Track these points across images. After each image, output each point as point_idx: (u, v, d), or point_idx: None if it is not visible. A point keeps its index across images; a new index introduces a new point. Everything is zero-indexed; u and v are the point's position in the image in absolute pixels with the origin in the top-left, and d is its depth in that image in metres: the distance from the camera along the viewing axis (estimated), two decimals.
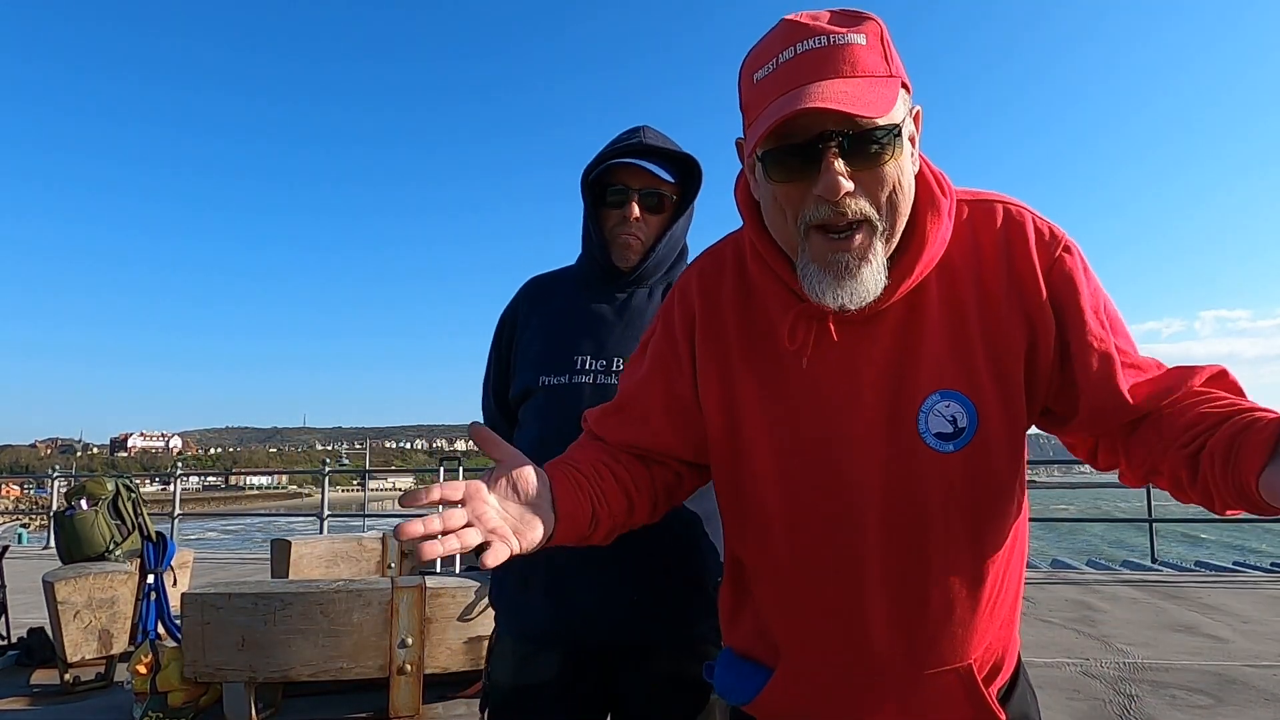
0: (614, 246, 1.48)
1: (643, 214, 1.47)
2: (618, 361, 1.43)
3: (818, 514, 0.92)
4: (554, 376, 1.44)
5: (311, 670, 2.92)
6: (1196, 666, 3.84)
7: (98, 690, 3.56)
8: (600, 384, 1.41)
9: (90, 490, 3.99)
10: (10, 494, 68.96)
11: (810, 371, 0.92)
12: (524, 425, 1.49)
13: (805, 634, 0.96)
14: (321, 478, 9.70)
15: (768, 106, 0.82)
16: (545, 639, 1.39)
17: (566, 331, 1.47)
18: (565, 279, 1.58)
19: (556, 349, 1.46)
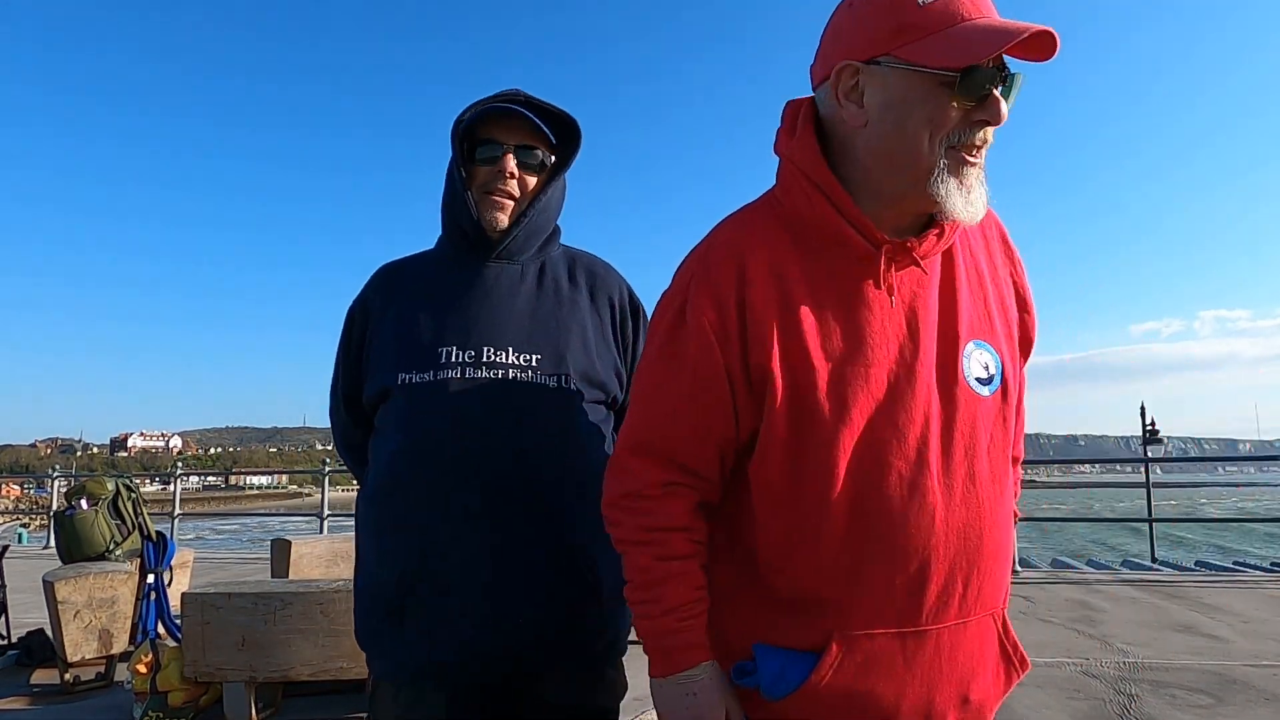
0: (482, 208, 1.31)
1: (519, 173, 1.33)
2: (488, 351, 1.26)
3: (888, 460, 0.92)
4: (415, 374, 1.26)
5: (311, 670, 2.92)
6: (1196, 666, 3.84)
7: (98, 690, 3.56)
8: (469, 378, 1.24)
9: (90, 490, 3.99)
10: (10, 494, 68.98)
11: (882, 315, 0.95)
12: (382, 433, 1.31)
13: (863, 592, 0.93)
14: (321, 478, 9.70)
15: (964, 26, 0.87)
16: (425, 677, 1.23)
17: (427, 321, 1.30)
18: (423, 262, 1.40)
19: (416, 342, 1.28)
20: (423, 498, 1.23)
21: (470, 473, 1.21)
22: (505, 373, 1.25)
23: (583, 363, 1.30)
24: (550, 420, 1.26)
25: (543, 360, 1.27)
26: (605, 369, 1.34)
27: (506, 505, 1.21)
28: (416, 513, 1.23)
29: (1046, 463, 10.05)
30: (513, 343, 1.27)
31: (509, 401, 1.24)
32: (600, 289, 1.40)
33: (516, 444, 1.23)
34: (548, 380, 1.27)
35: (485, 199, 1.31)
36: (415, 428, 1.24)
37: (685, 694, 0.96)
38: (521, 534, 1.22)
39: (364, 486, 1.34)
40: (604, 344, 1.36)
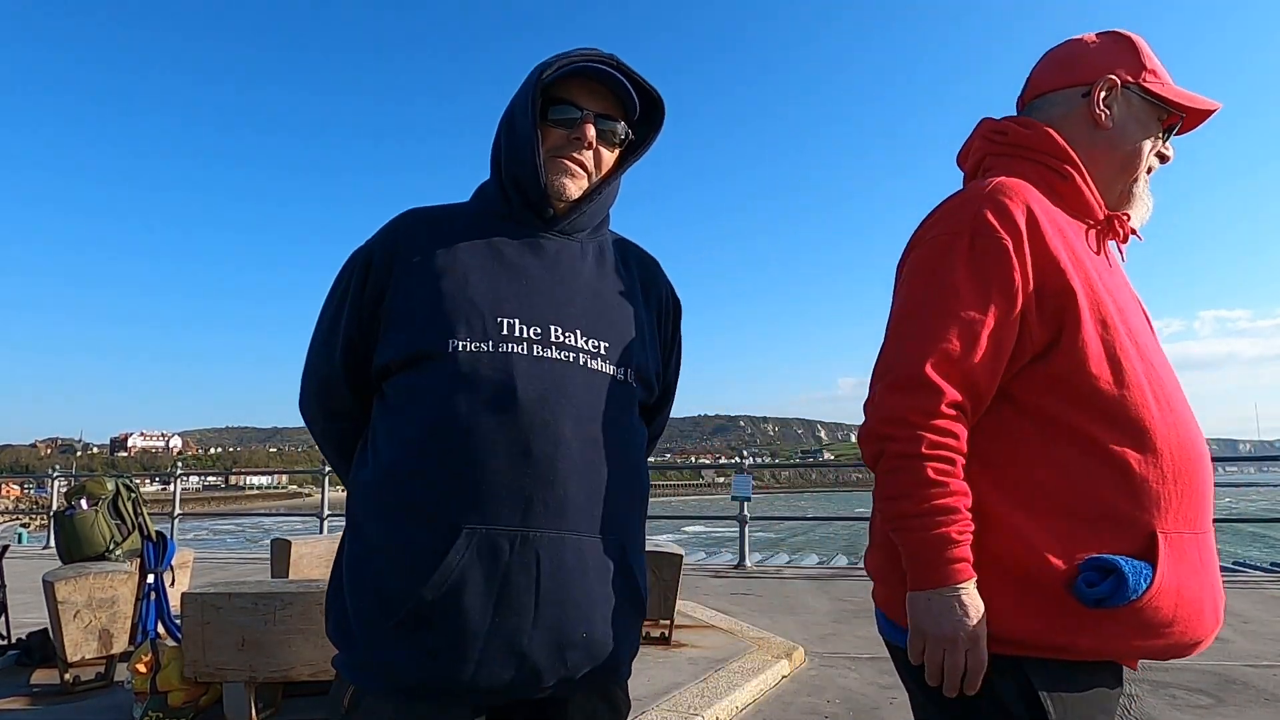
0: (551, 174, 1.16)
1: (596, 143, 1.18)
2: (555, 330, 1.10)
3: (1161, 377, 1.09)
4: (471, 341, 1.06)
5: (311, 670, 2.92)
6: (1196, 666, 3.84)
7: (98, 690, 3.56)
8: (538, 357, 1.08)
9: (90, 490, 3.99)
10: (10, 494, 69.00)
11: (1115, 271, 1.19)
12: (409, 405, 1.08)
13: (1180, 495, 1.03)
14: (321, 478, 9.70)
15: (1187, 92, 1.19)
16: (441, 695, 1.03)
17: (482, 282, 1.11)
18: (466, 216, 1.21)
19: (470, 304, 1.09)
20: (474, 489, 1.02)
21: (540, 468, 1.03)
22: (577, 358, 1.10)
23: (640, 357, 1.18)
24: (617, 416, 1.12)
25: (610, 349, 1.14)
26: (653, 369, 1.23)
27: (575, 511, 1.05)
28: (460, 503, 1.02)
29: None
30: (581, 325, 1.12)
31: (583, 390, 1.09)
32: (651, 284, 1.28)
33: (590, 439, 1.08)
34: (616, 372, 1.13)
35: (555, 164, 1.16)
36: (469, 404, 1.04)
37: (953, 606, 0.99)
38: (588, 546, 1.06)
39: (372, 466, 1.11)
40: (654, 342, 1.25)
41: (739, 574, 7.34)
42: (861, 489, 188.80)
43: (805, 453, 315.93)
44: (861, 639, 4.57)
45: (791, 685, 3.76)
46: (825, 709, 3.38)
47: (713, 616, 5.06)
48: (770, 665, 3.84)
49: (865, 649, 4.33)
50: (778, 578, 7.10)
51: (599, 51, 1.16)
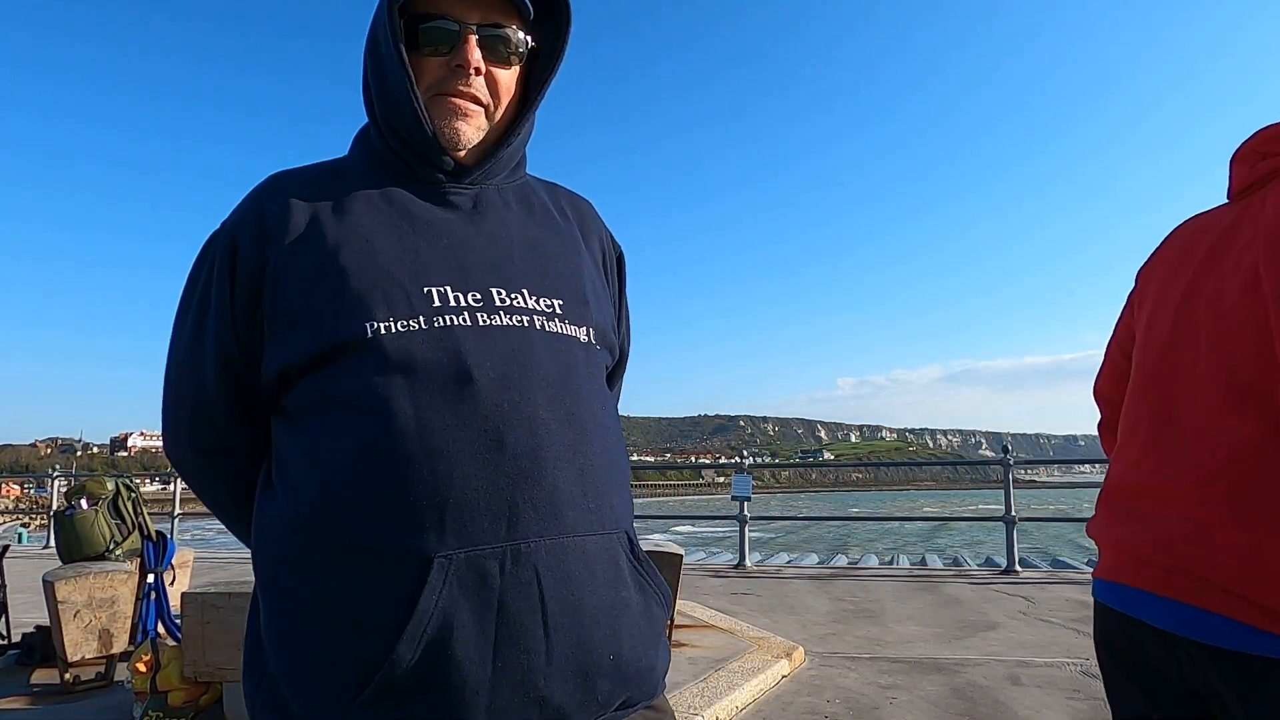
0: (437, 118, 0.91)
1: (486, 65, 0.92)
2: (499, 293, 0.88)
3: None
4: (396, 320, 0.83)
5: None
6: None
7: (98, 690, 3.56)
8: (485, 326, 0.85)
9: (90, 490, 3.99)
10: (10, 494, 69.04)
11: None
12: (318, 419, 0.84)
13: None
14: None
15: None
16: None
17: (392, 247, 0.88)
18: (350, 171, 0.96)
19: (385, 275, 0.86)
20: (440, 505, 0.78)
21: (521, 461, 0.80)
22: (533, 321, 0.88)
23: (599, 314, 0.97)
24: (590, 385, 0.91)
25: (566, 306, 0.92)
26: (612, 326, 1.02)
27: (570, 508, 0.82)
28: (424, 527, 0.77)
29: (1047, 463, 10.06)
30: (528, 283, 0.90)
31: (549, 358, 0.86)
32: (589, 228, 1.06)
33: (569, 416, 0.85)
34: (579, 333, 0.92)
35: (439, 104, 0.91)
36: (410, 397, 0.80)
37: None
38: (592, 547, 0.84)
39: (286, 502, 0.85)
40: (606, 295, 1.04)
41: (739, 574, 7.34)
42: (862, 489, 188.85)
43: (805, 452, 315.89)
44: (861, 639, 4.57)
45: (791, 685, 3.76)
46: (825, 709, 3.38)
47: (712, 616, 5.06)
48: (770, 665, 3.84)
49: (865, 649, 4.33)
50: (777, 578, 7.10)
51: None
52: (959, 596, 5.90)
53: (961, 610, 5.37)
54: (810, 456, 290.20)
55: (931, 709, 3.31)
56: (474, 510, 0.78)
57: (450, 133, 0.92)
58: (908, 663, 4.04)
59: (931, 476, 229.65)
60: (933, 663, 4.01)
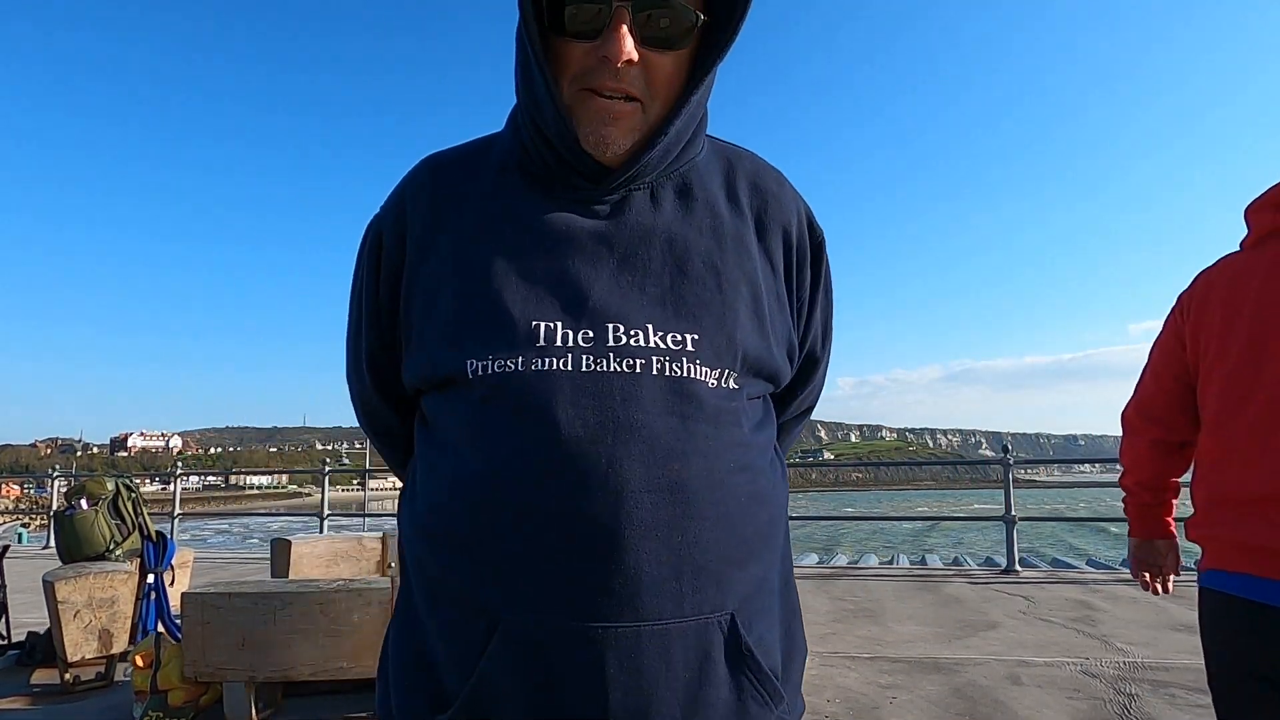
0: (581, 120, 0.78)
1: (643, 51, 0.76)
2: (615, 330, 0.76)
3: None
4: (494, 358, 0.76)
5: (311, 670, 2.92)
6: (1196, 666, 3.83)
7: (98, 690, 3.57)
8: (589, 372, 0.74)
9: (90, 490, 3.99)
10: (10, 494, 69.03)
11: None
12: (441, 436, 0.80)
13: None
14: (321, 477, 9.71)
15: None
16: None
17: (508, 271, 0.79)
18: (493, 167, 0.87)
19: (493, 305, 0.78)
20: (507, 568, 0.73)
21: (595, 539, 0.71)
22: (649, 364, 0.75)
23: (756, 345, 0.81)
24: (714, 438, 0.76)
25: (702, 341, 0.77)
26: (781, 350, 0.85)
27: (653, 593, 0.71)
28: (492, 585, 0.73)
29: (1046, 462, 10.04)
30: (656, 315, 0.77)
31: (659, 412, 0.74)
32: (772, 216, 0.88)
33: (671, 484, 0.73)
34: (712, 374, 0.77)
35: (585, 102, 0.78)
36: (492, 449, 0.74)
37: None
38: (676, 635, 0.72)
39: (409, 508, 0.85)
40: (779, 308, 0.86)
41: None
42: (861, 489, 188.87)
43: (805, 452, 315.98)
44: (861, 639, 4.57)
45: None
46: (825, 709, 3.38)
47: None
48: None
49: (865, 649, 4.33)
50: None
51: None
52: (959, 596, 5.90)
53: (961, 610, 5.37)
54: (810, 456, 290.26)
55: (931, 709, 3.31)
56: (538, 581, 0.71)
57: (596, 140, 0.78)
58: (908, 662, 4.04)
59: (931, 476, 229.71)
60: (933, 662, 4.01)
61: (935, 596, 5.90)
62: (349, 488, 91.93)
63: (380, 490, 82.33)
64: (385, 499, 33.07)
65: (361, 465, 22.06)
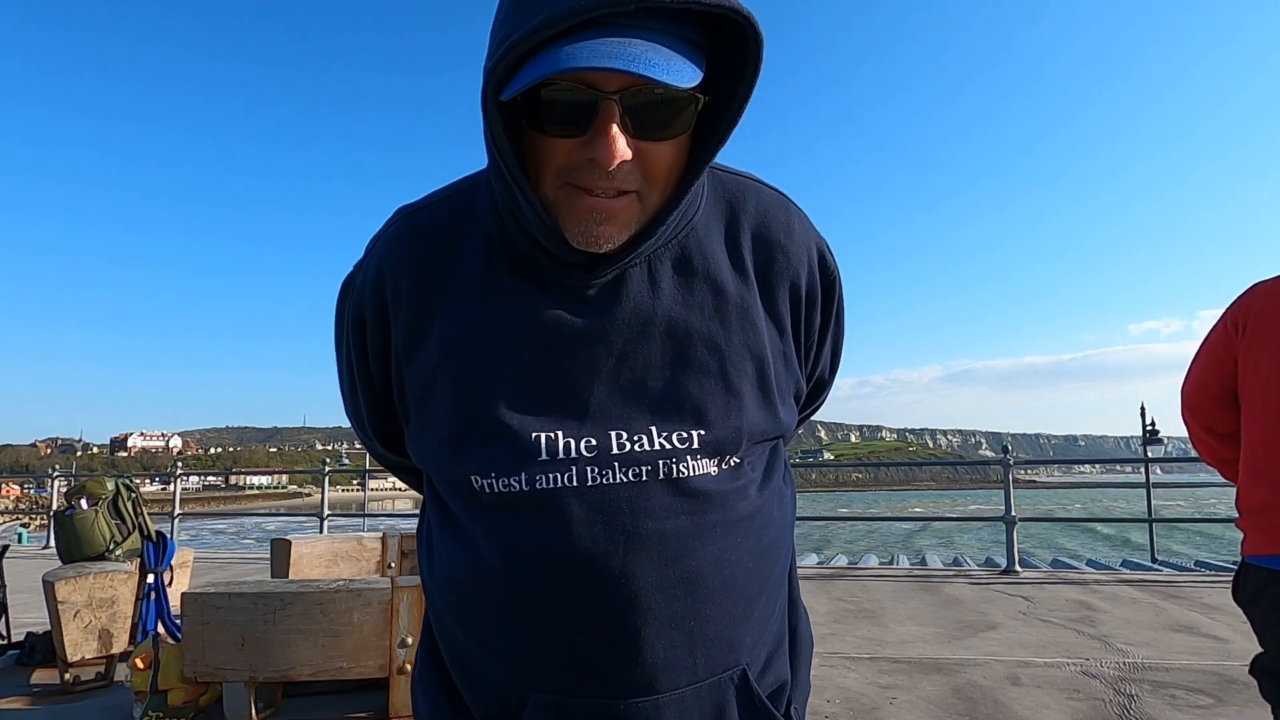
0: (568, 221, 0.71)
1: (635, 143, 0.68)
2: (618, 437, 0.74)
3: None
4: (499, 478, 0.73)
5: (311, 670, 2.92)
6: (1196, 666, 3.84)
7: (98, 690, 3.57)
8: (594, 486, 0.72)
9: (90, 490, 3.99)
10: (10, 494, 69.04)
11: None
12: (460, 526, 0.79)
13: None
14: (321, 478, 9.71)
15: None
16: None
17: (503, 373, 0.75)
18: (477, 239, 0.79)
19: (491, 416, 0.75)
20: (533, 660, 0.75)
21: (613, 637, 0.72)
22: (656, 469, 0.73)
23: (761, 420, 0.79)
24: (724, 523, 0.75)
25: (708, 432, 0.75)
26: (787, 406, 0.83)
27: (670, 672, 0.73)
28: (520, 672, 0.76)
29: (1047, 463, 10.02)
30: (659, 415, 0.75)
31: (667, 514, 0.73)
32: (779, 273, 0.82)
33: (685, 578, 0.73)
34: (719, 462, 0.76)
35: (573, 200, 0.70)
36: (507, 560, 0.74)
37: None
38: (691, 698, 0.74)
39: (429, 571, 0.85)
40: (785, 369, 0.83)
41: None
42: (861, 489, 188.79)
43: (805, 452, 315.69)
44: (861, 639, 4.57)
45: None
46: (825, 709, 3.38)
47: None
48: None
49: (865, 649, 4.33)
50: None
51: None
52: (959, 596, 5.90)
53: (961, 610, 5.38)
54: (810, 456, 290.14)
55: (931, 709, 3.31)
56: (565, 669, 0.74)
57: (587, 239, 0.71)
58: (908, 663, 4.04)
59: (931, 476, 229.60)
60: (933, 663, 4.01)
61: (935, 597, 5.90)
62: (349, 488, 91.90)
63: (380, 490, 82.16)
64: (385, 499, 32.99)
65: (361, 465, 22.01)
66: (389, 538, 4.69)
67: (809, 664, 0.89)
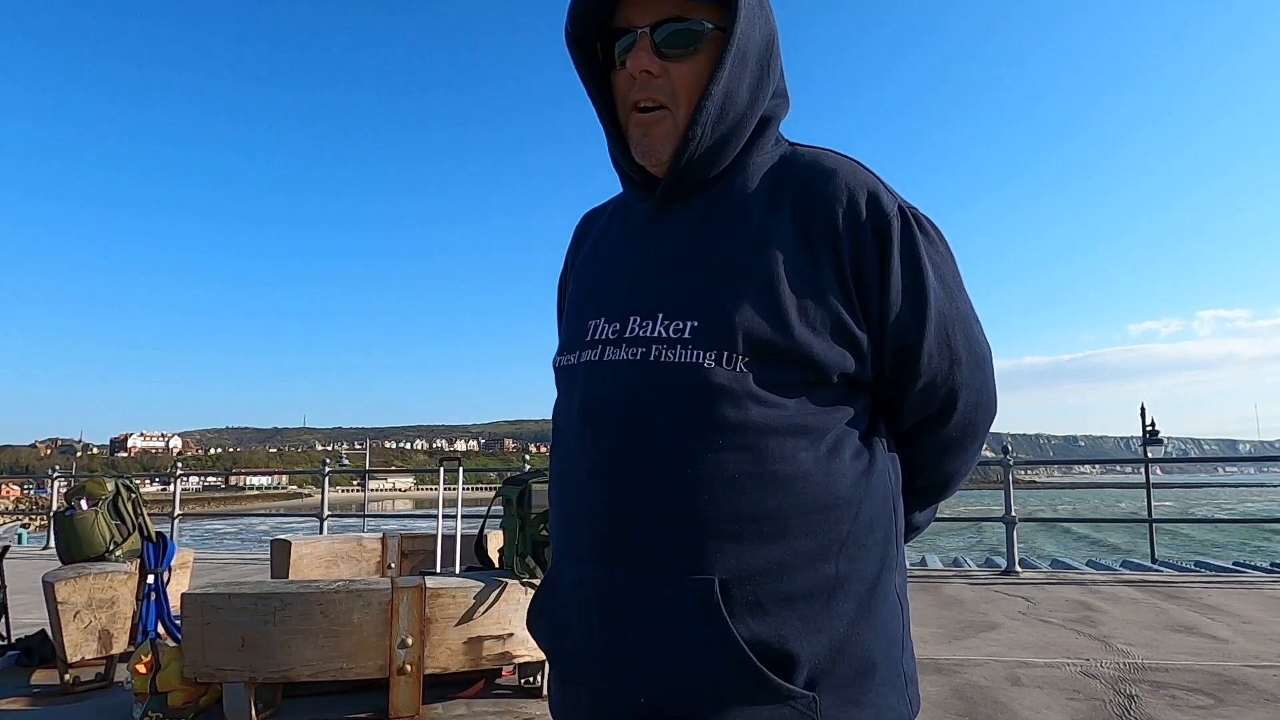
0: (631, 135, 0.92)
1: (664, 63, 0.88)
2: (634, 321, 0.87)
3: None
4: (562, 353, 0.95)
5: (311, 670, 2.92)
6: (1196, 666, 3.84)
7: (98, 690, 3.57)
8: (605, 360, 0.88)
9: (90, 490, 3.99)
10: (10, 494, 69.03)
11: None
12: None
13: None
14: (321, 478, 9.72)
15: None
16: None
17: (590, 284, 0.98)
18: (614, 204, 1.05)
19: (575, 313, 0.97)
20: (556, 526, 0.95)
21: (591, 497, 0.86)
22: (647, 351, 0.85)
23: (762, 328, 0.83)
24: (705, 419, 0.82)
25: (699, 328, 0.83)
26: (806, 331, 0.84)
27: (623, 545, 0.83)
28: (555, 542, 0.95)
29: (1047, 463, 9.99)
30: (665, 306, 0.86)
31: (644, 394, 0.84)
32: (811, 204, 0.88)
33: (646, 455, 0.82)
34: (704, 358, 0.82)
35: (633, 120, 0.91)
36: (555, 431, 0.96)
37: None
38: (643, 581, 0.82)
39: None
40: (813, 290, 0.85)
41: None
42: None
43: None
44: None
45: None
46: None
47: None
48: None
49: None
50: None
51: None
52: (959, 596, 5.90)
53: (961, 610, 5.37)
54: None
55: (931, 709, 3.31)
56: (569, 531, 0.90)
57: (641, 150, 0.91)
58: None
59: None
60: (932, 663, 4.01)
61: (935, 597, 5.90)
62: (349, 488, 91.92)
63: (380, 490, 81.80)
64: (385, 499, 32.93)
65: (361, 466, 21.90)
66: (389, 538, 4.69)
67: (879, 699, 0.83)
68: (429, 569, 4.28)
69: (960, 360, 0.90)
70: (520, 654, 3.24)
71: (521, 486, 3.46)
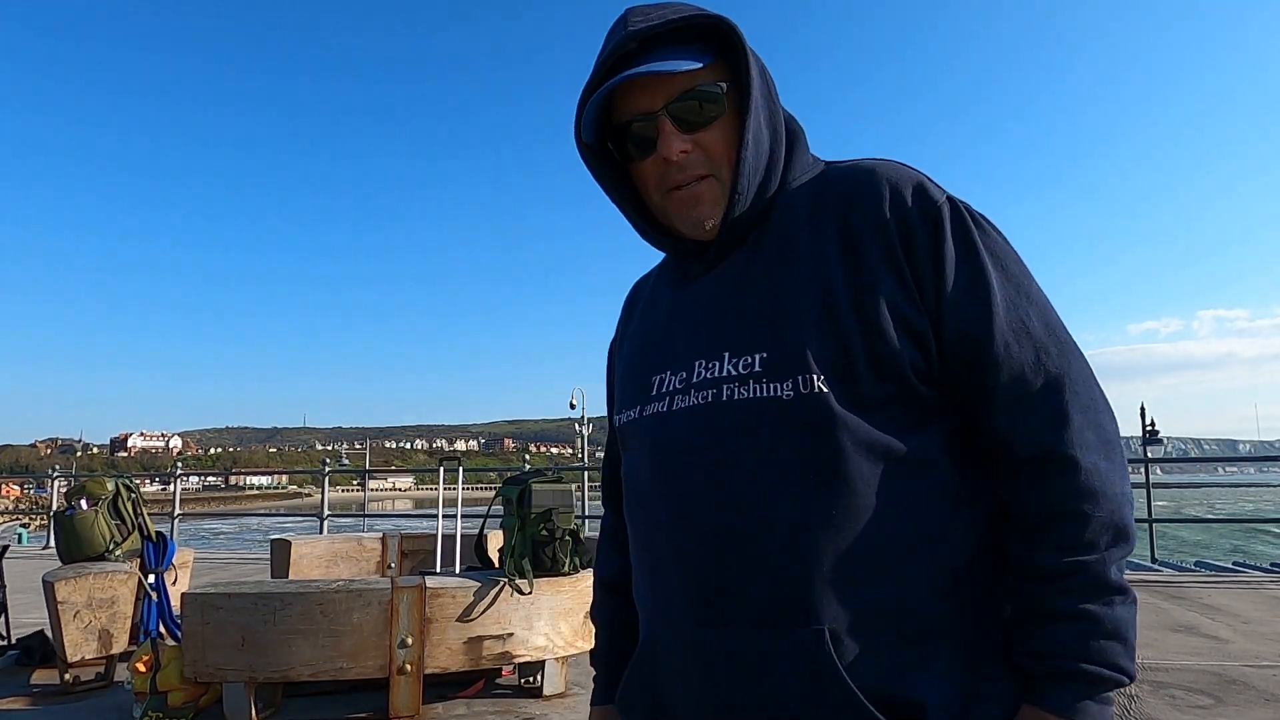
0: (677, 218, 0.89)
1: (691, 135, 0.86)
2: (700, 366, 0.85)
3: None
4: (626, 411, 0.93)
5: (311, 670, 2.92)
6: (1196, 666, 3.84)
7: (98, 690, 3.57)
8: (675, 410, 0.85)
9: (90, 490, 3.99)
10: (10, 494, 69.04)
11: None
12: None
13: None
14: (321, 478, 9.72)
15: None
16: None
17: (650, 343, 0.96)
18: (659, 269, 1.06)
19: (634, 371, 0.95)
20: (642, 586, 0.91)
21: (677, 551, 0.82)
22: (719, 392, 0.82)
23: (830, 341, 0.79)
24: (791, 453, 0.77)
25: (769, 359, 0.80)
26: (871, 332, 0.79)
27: (718, 601, 0.78)
28: (642, 603, 0.91)
29: None
30: (730, 343, 0.84)
31: (721, 436, 0.80)
32: (855, 206, 0.85)
33: (734, 498, 0.79)
34: (780, 389, 0.78)
35: (673, 200, 0.89)
36: (626, 487, 0.94)
37: None
38: (747, 640, 0.77)
39: None
40: (869, 291, 0.80)
41: None
42: None
43: None
44: None
45: None
46: None
47: None
48: None
49: None
50: None
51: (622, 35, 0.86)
52: None
53: None
54: None
55: None
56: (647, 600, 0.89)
57: (692, 225, 0.89)
58: None
59: None
60: None
61: None
62: (349, 488, 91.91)
63: (380, 490, 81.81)
64: (385, 499, 32.92)
65: (361, 465, 21.88)
66: (389, 538, 4.70)
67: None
68: (429, 569, 4.29)
69: (1048, 351, 0.79)
70: (520, 654, 3.24)
71: (521, 486, 3.46)
